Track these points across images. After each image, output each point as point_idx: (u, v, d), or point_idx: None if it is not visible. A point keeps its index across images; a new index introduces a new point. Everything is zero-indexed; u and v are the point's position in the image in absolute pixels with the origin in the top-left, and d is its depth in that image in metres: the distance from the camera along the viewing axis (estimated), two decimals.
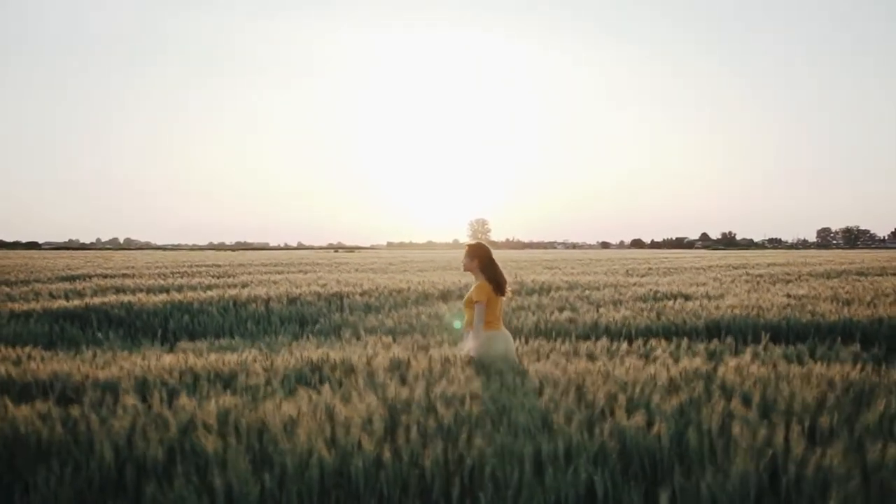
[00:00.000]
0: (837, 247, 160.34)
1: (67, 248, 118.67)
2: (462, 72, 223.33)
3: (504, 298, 5.45)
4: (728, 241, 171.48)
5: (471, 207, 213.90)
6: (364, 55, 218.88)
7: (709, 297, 10.65)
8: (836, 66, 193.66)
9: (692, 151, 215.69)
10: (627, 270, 20.83)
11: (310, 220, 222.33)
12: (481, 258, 5.39)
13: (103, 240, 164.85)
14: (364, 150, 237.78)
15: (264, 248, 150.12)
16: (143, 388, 5.06)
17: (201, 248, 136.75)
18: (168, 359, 5.85)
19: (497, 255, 5.71)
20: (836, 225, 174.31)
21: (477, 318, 5.19)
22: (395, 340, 7.30)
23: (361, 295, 11.56)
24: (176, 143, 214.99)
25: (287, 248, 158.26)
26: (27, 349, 6.74)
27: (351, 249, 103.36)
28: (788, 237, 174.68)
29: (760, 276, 17.33)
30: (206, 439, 3.29)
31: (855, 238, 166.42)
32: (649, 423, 3.33)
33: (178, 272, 20.25)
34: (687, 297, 10.89)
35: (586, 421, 3.43)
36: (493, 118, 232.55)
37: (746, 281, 15.20)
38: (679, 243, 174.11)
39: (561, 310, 9.47)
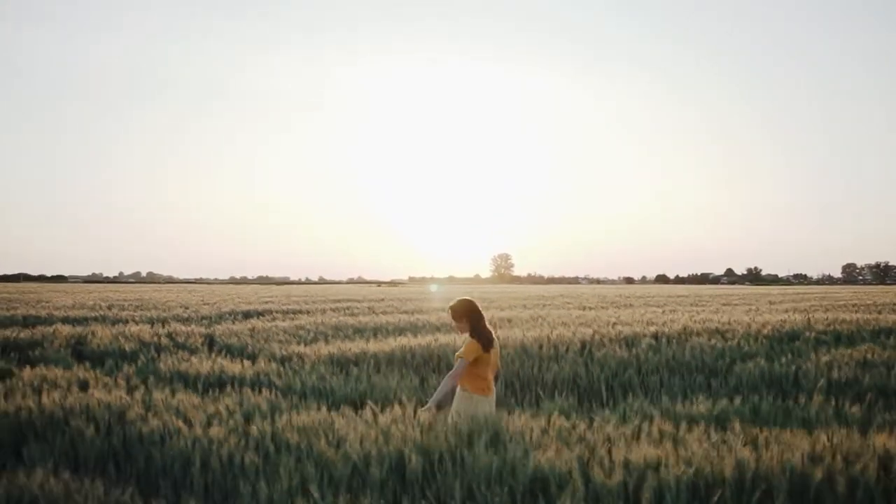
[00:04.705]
0: (864, 283, 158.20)
1: (94, 282, 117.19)
2: (481, 106, 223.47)
3: (494, 358, 5.01)
4: (753, 277, 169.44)
5: (490, 242, 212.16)
6: (381, 89, 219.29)
7: None
8: (864, 98, 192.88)
9: (715, 185, 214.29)
10: (807, 309, 18.72)
11: (327, 254, 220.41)
12: (469, 316, 4.94)
13: (126, 273, 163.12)
14: (381, 184, 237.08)
15: (286, 282, 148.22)
16: None
17: (224, 283, 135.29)
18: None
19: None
20: (861, 260, 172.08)
21: (452, 373, 4.91)
22: None
23: (696, 335, 9.67)
24: (193, 177, 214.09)
25: (309, 282, 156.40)
26: None
27: (394, 283, 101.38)
28: (813, 273, 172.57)
29: None
30: None
31: (884, 274, 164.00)
32: None
33: (340, 307, 18.32)
34: None
35: None
36: (512, 153, 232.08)
37: None
38: (704, 279, 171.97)
39: None
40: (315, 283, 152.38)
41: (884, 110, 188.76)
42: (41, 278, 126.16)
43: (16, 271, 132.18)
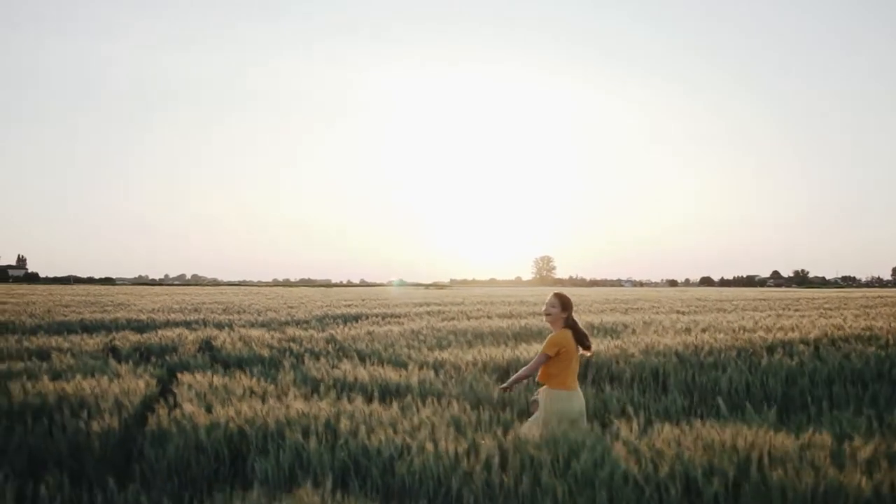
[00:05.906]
0: None
1: (142, 284, 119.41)
2: (519, 110, 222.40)
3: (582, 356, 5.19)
4: (801, 280, 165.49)
5: (530, 245, 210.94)
6: (419, 92, 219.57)
7: None
8: None
9: (757, 187, 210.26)
10: None
11: (362, 256, 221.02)
12: (570, 310, 5.14)
13: (171, 276, 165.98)
14: (421, 187, 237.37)
15: (329, 284, 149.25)
16: None
17: (269, 285, 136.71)
18: None
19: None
20: None
21: (530, 366, 5.13)
22: None
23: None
24: (223, 181, 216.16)
25: (351, 284, 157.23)
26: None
27: (442, 286, 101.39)
28: (861, 275, 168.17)
29: None
30: None
31: None
32: None
33: (431, 311, 18.12)
34: None
35: None
36: (553, 156, 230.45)
37: None
38: (750, 281, 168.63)
39: None
40: (358, 285, 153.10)
41: None
42: (90, 280, 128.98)
43: (65, 273, 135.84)
